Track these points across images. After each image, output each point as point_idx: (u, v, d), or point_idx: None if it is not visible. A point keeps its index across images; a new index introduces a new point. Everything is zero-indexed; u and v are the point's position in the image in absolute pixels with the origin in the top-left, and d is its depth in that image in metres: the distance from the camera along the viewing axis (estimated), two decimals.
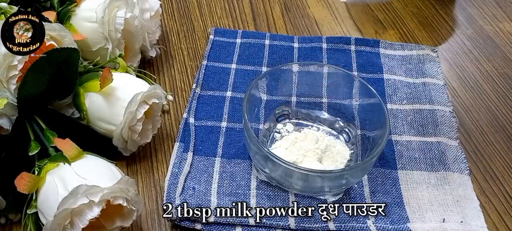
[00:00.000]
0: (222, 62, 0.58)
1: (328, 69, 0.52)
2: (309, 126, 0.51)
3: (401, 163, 0.48)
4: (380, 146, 0.42)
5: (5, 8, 0.46)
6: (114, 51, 0.50)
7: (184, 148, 0.48)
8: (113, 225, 0.39)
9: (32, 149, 0.40)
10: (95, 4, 0.49)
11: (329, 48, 0.61)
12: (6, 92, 0.42)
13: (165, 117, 0.53)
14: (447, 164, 0.48)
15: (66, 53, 0.43)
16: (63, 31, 0.44)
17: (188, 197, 0.43)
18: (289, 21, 0.67)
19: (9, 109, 0.42)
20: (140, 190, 0.46)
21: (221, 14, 0.67)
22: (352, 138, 0.49)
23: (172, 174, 0.46)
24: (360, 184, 0.46)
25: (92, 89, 0.45)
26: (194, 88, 0.54)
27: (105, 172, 0.38)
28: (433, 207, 0.45)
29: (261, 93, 0.50)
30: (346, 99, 0.51)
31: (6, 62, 0.41)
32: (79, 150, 0.40)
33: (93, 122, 0.46)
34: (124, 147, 0.46)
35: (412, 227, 0.43)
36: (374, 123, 0.47)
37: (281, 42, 0.61)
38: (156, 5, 0.56)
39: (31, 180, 0.38)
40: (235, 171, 0.47)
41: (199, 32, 0.64)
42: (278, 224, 0.42)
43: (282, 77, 0.51)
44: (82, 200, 0.35)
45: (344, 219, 0.43)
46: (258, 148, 0.42)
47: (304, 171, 0.41)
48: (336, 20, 0.67)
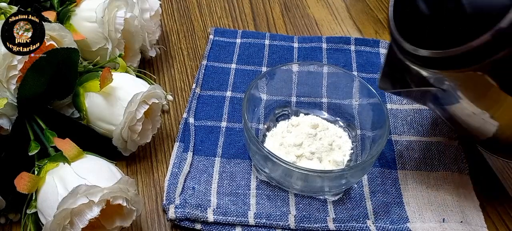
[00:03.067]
0: (222, 62, 0.58)
1: (328, 69, 0.52)
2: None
3: (401, 163, 0.48)
4: (380, 146, 0.42)
5: (5, 8, 0.46)
6: (114, 51, 0.50)
7: (184, 148, 0.48)
8: (113, 225, 0.39)
9: (32, 149, 0.40)
10: (95, 4, 0.49)
11: (329, 48, 0.61)
12: (6, 92, 0.42)
13: (165, 117, 0.53)
14: (447, 164, 0.48)
15: (66, 53, 0.43)
16: (63, 31, 0.44)
17: (188, 197, 0.43)
18: (289, 21, 0.67)
19: (9, 109, 0.42)
20: (140, 190, 0.46)
21: (221, 14, 0.67)
22: (352, 138, 0.49)
23: (172, 174, 0.46)
24: (360, 184, 0.46)
25: (92, 89, 0.45)
26: (194, 88, 0.54)
27: (105, 172, 0.38)
28: (433, 207, 0.45)
29: (261, 93, 0.50)
30: (346, 99, 0.51)
31: (6, 62, 0.41)
32: (79, 150, 0.40)
33: (93, 121, 0.46)
34: (124, 147, 0.46)
35: (411, 227, 0.43)
36: (374, 122, 0.47)
37: (281, 42, 0.61)
38: (156, 5, 0.56)
39: (30, 180, 0.38)
40: (235, 171, 0.47)
41: (199, 32, 0.64)
42: (278, 224, 0.42)
43: (282, 77, 0.51)
44: (82, 200, 0.35)
45: (344, 219, 0.43)
46: (257, 148, 0.42)
47: (304, 171, 0.41)
48: (336, 20, 0.67)
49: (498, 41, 0.29)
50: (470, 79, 0.34)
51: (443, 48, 0.32)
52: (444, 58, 0.32)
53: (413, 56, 0.35)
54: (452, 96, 0.36)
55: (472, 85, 0.34)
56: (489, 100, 0.34)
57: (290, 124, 0.49)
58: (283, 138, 0.47)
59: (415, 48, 0.35)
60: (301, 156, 0.45)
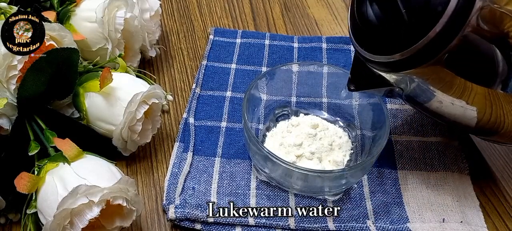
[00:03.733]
0: (222, 62, 0.58)
1: (328, 69, 0.52)
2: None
3: (401, 163, 0.48)
4: (380, 146, 0.42)
5: (5, 8, 0.46)
6: (114, 51, 0.50)
7: (184, 148, 0.48)
8: (113, 225, 0.39)
9: (32, 149, 0.40)
10: (95, 4, 0.49)
11: (329, 48, 0.61)
12: (6, 92, 0.42)
13: (165, 117, 0.53)
14: (447, 164, 0.48)
15: (65, 53, 0.43)
16: (62, 31, 0.44)
17: (188, 197, 0.43)
18: (289, 21, 0.67)
19: (9, 109, 0.42)
20: (140, 190, 0.46)
21: (221, 14, 0.67)
22: (352, 138, 0.49)
23: (172, 174, 0.46)
24: (360, 184, 0.46)
25: (92, 89, 0.45)
26: (194, 88, 0.54)
27: (104, 172, 0.38)
28: (433, 207, 0.45)
29: (261, 93, 0.50)
30: (346, 99, 0.51)
31: (6, 62, 0.41)
32: (79, 150, 0.40)
33: (93, 122, 0.46)
34: (123, 147, 0.46)
35: (411, 227, 0.43)
36: (374, 122, 0.47)
37: (281, 42, 0.61)
38: (155, 5, 0.56)
39: (30, 180, 0.38)
40: (235, 171, 0.47)
41: (199, 32, 0.64)
42: (278, 224, 0.42)
43: (282, 77, 0.51)
44: (82, 200, 0.35)
45: (344, 219, 0.43)
46: (257, 148, 0.42)
47: (304, 171, 0.41)
48: (336, 20, 0.67)
49: (447, 31, 0.32)
50: (433, 73, 0.35)
51: (399, 51, 0.34)
52: (399, 62, 0.35)
53: (373, 62, 0.38)
54: (428, 92, 0.38)
55: (438, 78, 0.36)
56: (458, 89, 0.36)
57: (290, 124, 0.49)
58: (283, 138, 0.47)
59: (372, 55, 0.37)
60: (301, 156, 0.45)
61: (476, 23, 0.31)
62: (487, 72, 0.34)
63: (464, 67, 0.34)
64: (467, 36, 0.32)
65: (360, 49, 0.39)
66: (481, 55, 0.33)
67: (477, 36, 0.32)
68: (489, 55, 0.33)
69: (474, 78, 0.35)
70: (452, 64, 0.34)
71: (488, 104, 0.36)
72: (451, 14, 0.31)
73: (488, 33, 0.32)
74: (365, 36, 0.39)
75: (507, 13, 0.32)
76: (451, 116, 0.40)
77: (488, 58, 0.33)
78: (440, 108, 0.39)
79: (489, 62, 0.33)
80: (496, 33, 0.32)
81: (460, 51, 0.33)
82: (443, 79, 0.36)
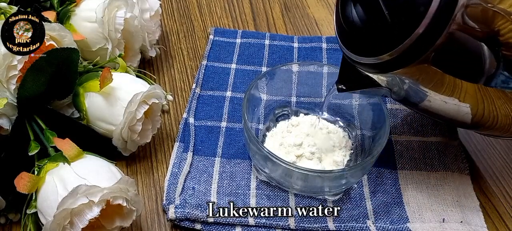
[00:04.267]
0: (222, 62, 0.58)
1: (328, 69, 0.52)
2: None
3: (401, 163, 0.48)
4: (380, 146, 0.42)
5: (5, 8, 0.46)
6: (114, 51, 0.50)
7: (184, 148, 0.48)
8: (113, 225, 0.39)
9: (32, 149, 0.40)
10: (95, 4, 0.49)
11: (329, 48, 0.61)
12: (6, 92, 0.42)
13: (165, 116, 0.53)
14: (447, 164, 0.48)
15: (65, 53, 0.43)
16: (62, 31, 0.44)
17: (188, 197, 0.43)
18: (289, 21, 0.67)
19: (9, 109, 0.42)
20: (140, 190, 0.46)
21: (221, 14, 0.67)
22: (352, 138, 0.49)
23: (172, 174, 0.46)
24: (360, 184, 0.46)
25: (92, 89, 0.45)
26: (194, 88, 0.54)
27: (104, 172, 0.38)
28: (433, 207, 0.45)
29: (261, 93, 0.50)
30: (346, 99, 0.51)
31: (6, 62, 0.41)
32: (79, 150, 0.40)
33: (93, 121, 0.46)
34: (123, 147, 0.46)
35: (411, 227, 0.43)
36: (374, 122, 0.47)
37: (281, 42, 0.61)
38: (155, 5, 0.56)
39: (30, 180, 0.38)
40: (235, 171, 0.47)
41: (199, 32, 0.64)
42: (278, 224, 0.42)
43: (282, 77, 0.51)
44: (82, 200, 0.35)
45: (344, 219, 0.43)
46: (257, 148, 0.42)
47: (304, 171, 0.41)
48: None
49: (431, 31, 0.32)
50: (421, 73, 0.35)
51: (384, 52, 0.34)
52: (385, 63, 0.35)
53: (360, 64, 0.38)
54: (420, 92, 0.38)
55: (427, 77, 0.36)
56: (448, 87, 0.36)
57: (290, 124, 0.49)
58: (283, 138, 0.47)
59: (359, 57, 0.37)
60: (301, 156, 0.45)
61: (462, 20, 0.31)
62: (474, 68, 0.34)
63: (451, 65, 0.34)
64: (453, 33, 0.31)
65: (347, 52, 0.38)
66: (468, 52, 0.33)
67: (464, 34, 0.32)
68: (476, 52, 0.33)
69: (462, 75, 0.35)
70: (439, 63, 0.33)
71: (479, 100, 0.36)
72: (434, 14, 0.31)
73: (474, 30, 0.32)
74: (351, 38, 0.38)
75: (494, 9, 0.32)
76: (446, 114, 0.40)
77: (475, 55, 0.33)
78: (435, 107, 0.39)
79: (476, 58, 0.33)
80: (483, 30, 0.32)
81: (446, 49, 0.32)
82: (432, 78, 0.35)
